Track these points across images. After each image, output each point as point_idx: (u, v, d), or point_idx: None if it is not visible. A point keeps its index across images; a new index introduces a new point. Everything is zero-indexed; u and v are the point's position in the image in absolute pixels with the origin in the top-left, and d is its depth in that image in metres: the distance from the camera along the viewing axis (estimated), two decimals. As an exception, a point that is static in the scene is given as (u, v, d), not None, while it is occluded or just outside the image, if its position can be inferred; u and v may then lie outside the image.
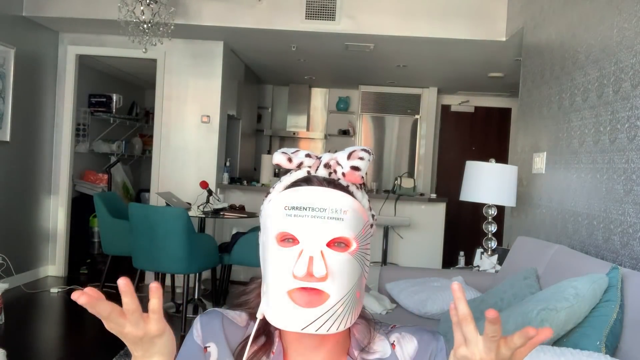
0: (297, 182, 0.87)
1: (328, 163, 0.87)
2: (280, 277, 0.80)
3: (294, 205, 0.81)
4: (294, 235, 0.80)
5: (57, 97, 5.26)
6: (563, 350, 1.41)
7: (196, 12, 4.58)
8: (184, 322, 3.86)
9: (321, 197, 0.82)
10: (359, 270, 0.83)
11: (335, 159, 0.87)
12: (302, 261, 0.78)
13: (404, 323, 0.93)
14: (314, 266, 0.77)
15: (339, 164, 0.86)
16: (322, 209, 0.80)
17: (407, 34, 4.50)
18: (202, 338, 0.90)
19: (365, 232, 0.84)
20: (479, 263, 3.55)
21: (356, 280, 0.81)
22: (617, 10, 2.43)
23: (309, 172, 0.88)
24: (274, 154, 0.90)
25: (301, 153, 0.89)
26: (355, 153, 0.86)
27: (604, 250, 2.38)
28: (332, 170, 0.87)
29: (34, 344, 3.54)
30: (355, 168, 0.85)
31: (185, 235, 3.71)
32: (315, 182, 0.85)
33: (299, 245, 0.80)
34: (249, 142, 7.03)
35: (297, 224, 0.80)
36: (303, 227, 0.80)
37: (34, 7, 4.66)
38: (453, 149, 7.52)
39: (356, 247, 0.81)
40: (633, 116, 2.21)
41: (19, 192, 4.82)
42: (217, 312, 0.93)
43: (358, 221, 0.82)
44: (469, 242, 5.66)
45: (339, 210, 0.81)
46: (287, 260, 0.80)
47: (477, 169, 3.40)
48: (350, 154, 0.86)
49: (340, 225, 0.80)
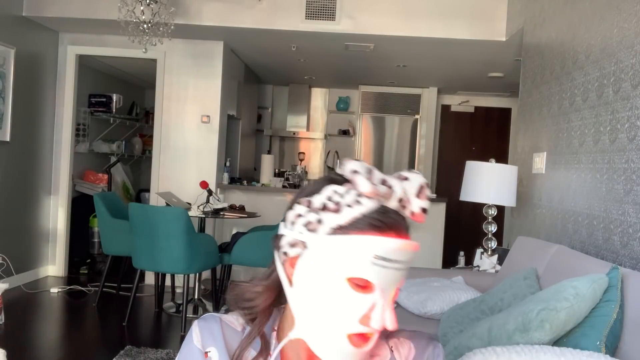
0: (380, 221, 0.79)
1: (402, 198, 0.81)
2: (344, 320, 0.78)
3: (385, 257, 0.77)
4: (375, 284, 0.78)
5: (57, 97, 5.26)
6: (563, 350, 1.41)
7: (196, 12, 4.58)
8: (184, 322, 3.86)
9: (406, 249, 0.80)
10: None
11: (409, 194, 0.81)
12: (378, 313, 0.77)
13: (405, 323, 0.93)
14: (388, 319, 0.78)
15: (409, 201, 0.81)
16: (405, 261, 0.80)
17: (407, 34, 4.50)
18: (202, 343, 0.89)
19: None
20: (479, 263, 3.55)
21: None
22: (617, 10, 2.43)
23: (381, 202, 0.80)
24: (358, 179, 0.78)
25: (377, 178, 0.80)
26: (425, 191, 0.81)
27: (604, 250, 2.38)
28: (402, 206, 0.81)
29: (34, 344, 3.54)
30: (424, 210, 0.81)
31: (185, 235, 3.71)
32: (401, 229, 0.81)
33: (373, 295, 0.78)
34: (249, 142, 7.03)
35: (381, 274, 0.77)
36: (385, 277, 0.78)
37: (34, 7, 4.66)
38: (453, 149, 7.52)
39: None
40: (633, 116, 2.21)
41: (19, 192, 4.82)
42: (214, 316, 0.92)
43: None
44: (469, 242, 5.65)
45: (409, 261, 0.81)
46: (357, 305, 0.78)
47: (477, 169, 3.40)
48: (420, 191, 0.81)
49: (403, 275, 0.81)
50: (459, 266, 4.03)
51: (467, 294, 2.69)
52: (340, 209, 0.79)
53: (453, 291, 2.71)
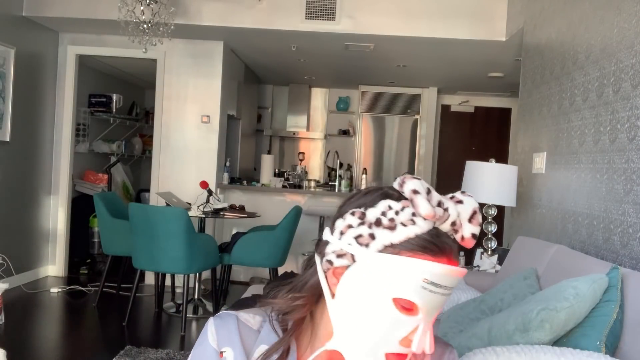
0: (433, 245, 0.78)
1: (455, 222, 0.80)
2: (384, 338, 0.78)
3: (435, 282, 0.76)
4: (419, 307, 0.77)
5: (57, 97, 5.26)
6: (563, 350, 1.41)
7: (196, 12, 4.58)
8: (184, 322, 3.86)
9: (455, 276, 0.78)
10: None
11: (461, 218, 0.80)
12: (419, 336, 0.77)
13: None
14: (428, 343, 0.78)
15: (462, 226, 0.80)
16: (452, 287, 0.79)
17: (407, 34, 4.50)
18: (218, 342, 0.87)
19: None
20: (479, 263, 3.55)
21: None
22: (617, 10, 2.43)
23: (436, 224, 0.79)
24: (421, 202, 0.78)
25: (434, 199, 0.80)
26: (477, 216, 0.80)
27: (604, 250, 2.38)
28: (454, 230, 0.80)
29: (34, 344, 3.54)
30: (474, 236, 0.80)
31: (185, 235, 3.71)
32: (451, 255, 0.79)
33: (417, 318, 0.77)
34: (249, 142, 7.03)
35: (428, 298, 0.77)
36: (431, 302, 0.77)
37: (34, 7, 4.66)
38: (453, 149, 7.52)
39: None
40: (633, 116, 2.21)
41: (19, 192, 4.82)
42: (231, 315, 0.90)
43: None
44: (469, 242, 5.65)
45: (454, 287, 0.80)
46: (400, 326, 0.77)
47: (477, 169, 3.40)
48: (472, 217, 0.80)
49: (447, 299, 0.80)
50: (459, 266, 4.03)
51: (467, 294, 2.69)
52: (395, 226, 0.78)
53: (453, 291, 2.70)
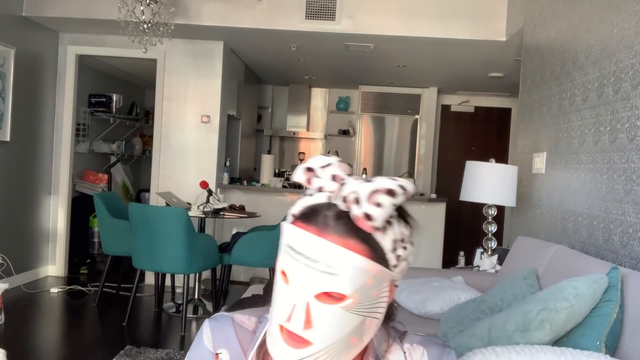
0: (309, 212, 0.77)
1: (346, 197, 0.75)
2: (276, 309, 0.78)
3: (292, 247, 0.76)
4: (288, 276, 0.76)
5: (57, 97, 5.26)
6: (563, 350, 1.41)
7: (196, 12, 4.58)
8: (184, 322, 3.86)
9: (316, 247, 0.73)
10: (357, 320, 0.76)
11: (356, 195, 0.74)
12: (286, 307, 0.75)
13: (405, 323, 0.92)
14: (293, 318, 0.74)
15: (357, 202, 0.74)
16: (314, 259, 0.73)
17: (407, 34, 4.50)
18: (213, 344, 0.87)
19: (375, 282, 0.76)
20: (479, 263, 3.55)
21: (350, 331, 0.76)
22: (617, 10, 2.43)
23: (330, 198, 0.78)
24: (296, 169, 0.79)
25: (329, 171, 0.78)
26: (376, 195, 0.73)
27: (604, 250, 2.38)
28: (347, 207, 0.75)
29: (34, 344, 3.54)
30: (367, 216, 0.74)
31: (185, 235, 3.71)
32: (321, 223, 0.75)
33: (289, 287, 0.76)
34: (249, 142, 7.03)
35: (293, 266, 0.75)
36: (296, 272, 0.75)
37: (34, 7, 4.66)
38: (453, 149, 7.52)
39: (353, 302, 0.75)
40: (633, 116, 2.21)
41: (19, 192, 4.82)
42: (226, 316, 0.90)
43: (359, 275, 0.74)
44: (469, 242, 5.67)
45: (334, 265, 0.73)
46: (282, 296, 0.77)
47: (477, 169, 3.40)
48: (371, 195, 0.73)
49: (332, 279, 0.73)
50: (459, 266, 4.03)
51: (467, 294, 2.69)
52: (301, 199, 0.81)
53: (453, 291, 2.71)
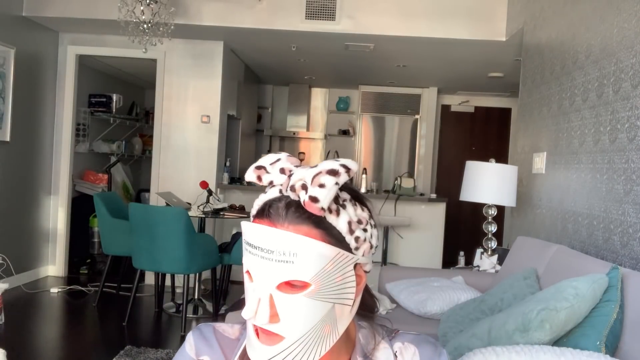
0: (262, 207, 0.80)
1: (294, 186, 0.76)
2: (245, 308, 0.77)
3: (249, 242, 0.77)
4: (250, 273, 0.77)
5: (57, 97, 5.26)
6: (563, 350, 1.41)
7: (196, 12, 4.59)
8: (184, 322, 3.86)
9: (269, 237, 0.74)
10: (324, 307, 0.76)
11: (303, 181, 0.75)
12: (251, 303, 0.75)
13: (405, 323, 0.92)
14: (258, 312, 0.75)
15: (304, 188, 0.75)
16: (269, 250, 0.74)
17: (407, 34, 4.50)
18: (196, 351, 0.88)
19: (335, 266, 0.76)
20: (479, 263, 3.55)
21: (320, 318, 0.76)
22: (617, 10, 2.43)
23: (281, 191, 0.79)
24: (249, 169, 0.82)
25: (277, 166, 0.79)
26: (318, 177, 0.74)
27: (604, 250, 2.38)
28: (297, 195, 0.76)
29: (34, 344, 3.54)
30: (313, 199, 0.74)
31: (185, 235, 3.71)
32: (273, 215, 0.77)
33: (253, 284, 0.77)
34: (249, 142, 7.03)
35: (252, 262, 0.76)
36: (255, 266, 0.76)
37: (34, 7, 4.66)
38: (453, 149, 7.52)
39: (315, 288, 0.74)
40: (633, 116, 2.21)
41: (19, 192, 4.82)
42: (209, 325, 0.91)
43: (316, 260, 0.74)
44: (469, 242, 5.67)
45: (288, 252, 0.73)
46: (249, 294, 0.77)
47: (477, 169, 3.40)
48: (314, 178, 0.74)
49: (290, 267, 0.73)
50: (459, 266, 4.03)
51: (467, 294, 2.69)
52: (258, 199, 0.83)
53: (453, 291, 2.71)
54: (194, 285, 4.48)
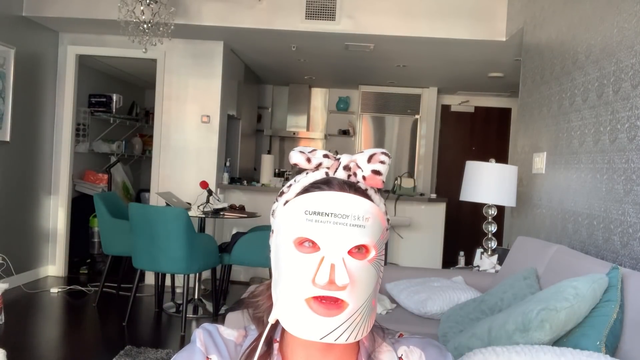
0: (317, 184, 0.83)
1: (348, 165, 0.85)
2: (298, 284, 0.77)
3: (316, 210, 0.78)
4: (315, 241, 0.77)
5: (57, 97, 5.26)
6: (563, 350, 1.41)
7: (196, 12, 4.59)
8: (184, 322, 3.86)
9: (344, 202, 0.78)
10: (376, 277, 0.81)
11: (355, 161, 0.84)
12: (324, 269, 0.76)
13: (405, 323, 0.92)
14: (337, 274, 0.75)
15: (359, 167, 0.84)
16: (344, 215, 0.78)
17: (407, 34, 4.50)
18: (206, 348, 0.88)
19: (384, 237, 0.82)
20: (479, 263, 3.55)
21: (373, 288, 0.80)
22: (617, 10, 2.43)
23: (327, 174, 0.85)
24: (291, 153, 0.86)
25: (319, 153, 0.86)
26: (377, 156, 0.84)
27: (604, 250, 2.38)
28: (351, 173, 0.85)
29: (34, 344, 3.54)
30: (376, 172, 0.83)
31: (185, 235, 3.71)
32: (336, 186, 0.82)
33: (319, 252, 0.77)
34: (249, 142, 7.03)
35: (319, 229, 0.77)
36: (325, 233, 0.77)
37: (34, 7, 4.66)
38: (453, 149, 7.52)
39: (375, 254, 0.79)
40: (633, 116, 2.21)
41: (19, 192, 4.82)
42: (214, 327, 0.92)
43: (377, 227, 0.80)
44: (469, 242, 5.66)
45: (361, 217, 0.78)
46: (306, 266, 0.77)
47: (477, 169, 3.40)
48: (371, 157, 0.84)
49: (362, 232, 0.78)
50: (459, 266, 4.03)
51: (467, 294, 2.69)
52: (291, 186, 0.87)
53: (453, 291, 2.71)
54: (194, 285, 4.48)
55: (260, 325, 0.88)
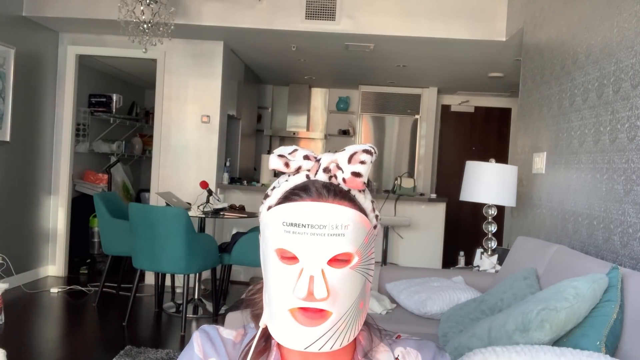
0: (295, 191, 0.81)
1: (328, 167, 0.82)
2: (281, 295, 0.77)
3: (292, 222, 0.76)
4: (294, 253, 0.76)
5: (57, 97, 5.26)
6: (563, 350, 1.41)
7: (196, 12, 4.59)
8: (184, 322, 3.86)
9: (321, 212, 0.76)
10: (362, 281, 0.79)
11: (336, 162, 0.81)
12: (302, 281, 0.75)
13: (405, 323, 0.92)
14: (315, 287, 0.74)
15: (339, 168, 0.81)
16: (321, 225, 0.75)
17: (407, 34, 4.50)
18: (204, 352, 0.88)
19: (369, 240, 0.80)
20: (479, 263, 3.55)
21: (359, 293, 0.78)
22: (617, 10, 2.43)
23: (308, 177, 0.83)
24: (270, 157, 0.84)
25: (299, 154, 0.83)
26: (357, 156, 0.80)
27: (604, 250, 2.38)
28: (332, 175, 0.82)
29: (34, 344, 3.54)
30: (356, 174, 0.80)
31: (185, 235, 3.71)
32: (314, 193, 0.80)
33: (299, 264, 0.76)
34: (249, 142, 7.03)
35: (296, 241, 0.76)
36: (302, 245, 0.76)
37: (34, 7, 4.66)
38: (453, 149, 7.52)
39: (358, 260, 0.78)
40: (633, 116, 2.21)
41: (19, 192, 4.82)
42: (214, 327, 0.92)
43: (360, 232, 0.78)
44: (469, 242, 5.66)
45: (340, 225, 0.76)
46: (287, 277, 0.77)
47: (477, 169, 3.40)
48: (352, 157, 0.80)
49: (341, 240, 0.76)
50: (459, 266, 4.03)
51: (467, 294, 2.69)
52: (274, 189, 0.86)
53: (453, 291, 2.71)
54: (194, 285, 4.48)
55: (259, 321, 0.88)
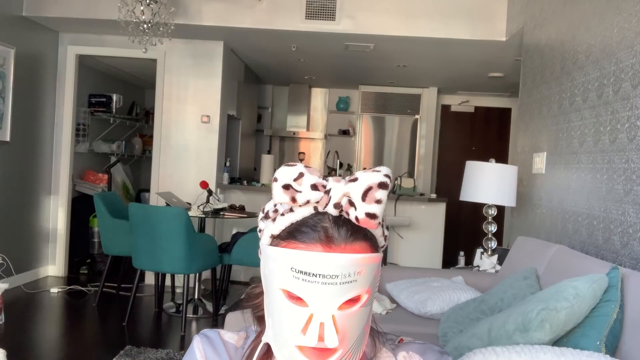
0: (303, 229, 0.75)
1: (339, 203, 0.75)
2: (290, 332, 0.75)
3: (302, 270, 0.72)
4: (303, 299, 0.73)
5: (57, 97, 5.26)
6: (563, 350, 1.41)
7: (196, 12, 4.59)
8: (184, 322, 3.86)
9: (332, 263, 0.71)
10: (369, 311, 0.78)
11: (348, 197, 0.74)
12: (312, 329, 0.72)
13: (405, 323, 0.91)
14: (326, 335, 0.72)
15: (352, 205, 0.74)
16: (334, 275, 0.71)
17: (407, 34, 4.50)
18: (206, 358, 0.88)
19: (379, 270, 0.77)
20: (479, 263, 3.55)
21: (365, 322, 0.77)
22: (617, 10, 2.43)
23: (316, 208, 0.76)
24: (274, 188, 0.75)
25: (306, 182, 0.75)
26: (372, 193, 0.73)
27: (604, 250, 2.38)
28: (343, 212, 0.75)
29: (34, 344, 3.54)
30: (371, 216, 0.74)
31: (185, 235, 3.71)
32: (324, 237, 0.74)
33: (308, 309, 0.73)
34: (249, 142, 7.03)
35: (306, 289, 0.72)
36: (313, 292, 0.72)
37: (34, 7, 4.66)
38: (453, 149, 7.52)
39: (368, 297, 0.75)
40: (633, 116, 2.21)
41: (19, 192, 4.82)
42: (215, 332, 0.91)
43: (372, 270, 0.75)
44: (469, 242, 5.67)
45: (353, 273, 0.72)
46: (296, 318, 0.74)
47: (477, 169, 3.40)
48: (367, 193, 0.73)
49: (352, 286, 0.73)
50: (459, 266, 4.03)
51: (467, 294, 2.69)
52: (277, 217, 0.78)
53: (453, 291, 2.71)
54: (194, 285, 4.48)
55: (262, 323, 0.87)
